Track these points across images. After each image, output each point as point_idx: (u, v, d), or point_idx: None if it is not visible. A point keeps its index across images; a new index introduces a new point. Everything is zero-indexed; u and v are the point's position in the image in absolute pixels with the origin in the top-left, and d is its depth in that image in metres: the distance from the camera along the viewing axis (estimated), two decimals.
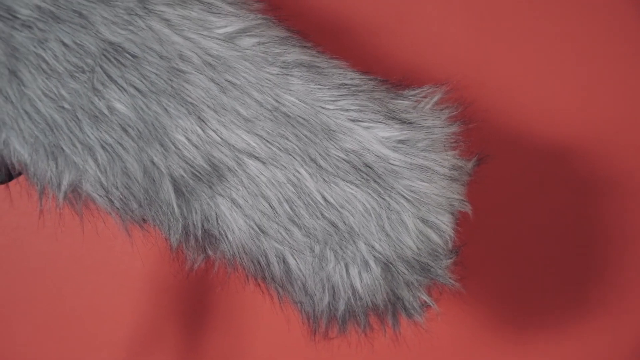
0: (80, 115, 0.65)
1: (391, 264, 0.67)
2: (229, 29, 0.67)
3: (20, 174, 0.68)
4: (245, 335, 1.04)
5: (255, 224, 0.66)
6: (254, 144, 0.66)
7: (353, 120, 0.67)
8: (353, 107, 0.67)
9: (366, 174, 0.66)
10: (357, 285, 0.67)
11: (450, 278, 0.68)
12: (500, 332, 1.07)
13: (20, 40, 0.64)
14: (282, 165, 0.66)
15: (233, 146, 0.66)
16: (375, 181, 0.66)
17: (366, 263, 0.67)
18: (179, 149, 0.65)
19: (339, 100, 0.67)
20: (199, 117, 0.65)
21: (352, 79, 0.69)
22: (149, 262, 1.03)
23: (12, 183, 0.71)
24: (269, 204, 0.66)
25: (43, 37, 0.65)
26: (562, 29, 1.04)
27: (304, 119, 0.66)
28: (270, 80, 0.66)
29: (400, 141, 0.67)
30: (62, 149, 0.65)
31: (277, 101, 0.66)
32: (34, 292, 1.04)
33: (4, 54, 0.64)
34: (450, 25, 1.02)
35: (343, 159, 0.66)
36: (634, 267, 1.07)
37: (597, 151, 1.05)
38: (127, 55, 0.65)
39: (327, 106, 0.67)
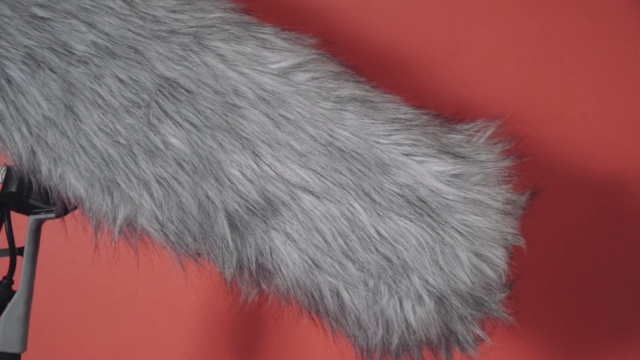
0: (136, 150, 0.65)
1: (445, 298, 0.66)
2: (283, 64, 0.67)
3: (75, 208, 0.68)
4: None
5: (310, 257, 0.66)
6: (308, 179, 0.66)
7: (407, 155, 0.67)
8: (407, 142, 0.67)
9: (420, 208, 0.66)
10: (411, 319, 0.67)
11: (503, 312, 0.68)
12: None
13: (76, 76, 0.65)
14: (336, 199, 0.66)
15: (287, 180, 0.66)
16: (429, 215, 0.66)
17: (420, 297, 0.66)
18: (234, 184, 0.65)
19: (393, 135, 0.67)
20: (253, 152, 0.65)
21: (405, 113, 0.69)
22: (203, 296, 1.03)
23: (67, 217, 0.72)
24: (323, 238, 0.66)
25: (99, 73, 0.65)
26: (616, 64, 1.03)
27: (358, 153, 0.66)
28: (324, 115, 0.66)
29: (454, 175, 0.67)
30: (117, 183, 0.65)
31: (331, 136, 0.66)
32: (89, 325, 1.05)
33: (61, 89, 0.65)
34: (503, 58, 1.02)
35: (397, 193, 0.66)
36: None
37: None
38: (183, 90, 0.65)
39: (380, 140, 0.67)
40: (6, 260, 0.73)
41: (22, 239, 0.73)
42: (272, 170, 0.65)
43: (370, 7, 1.01)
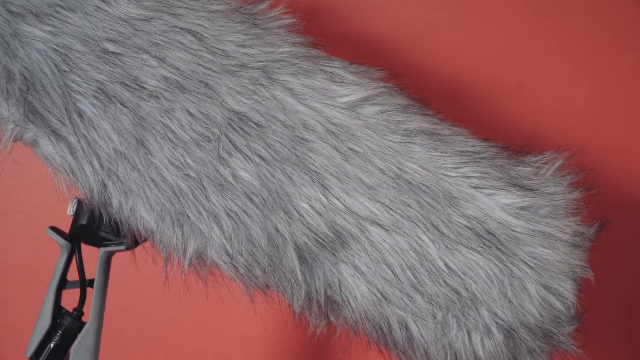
0: (206, 183, 0.65)
1: (514, 330, 0.66)
2: (352, 98, 0.68)
3: (146, 240, 0.68)
4: None
5: (378, 290, 0.67)
6: (376, 212, 0.66)
7: (475, 187, 0.67)
8: (475, 174, 0.67)
9: (488, 241, 0.66)
10: (480, 351, 0.67)
11: (572, 344, 0.68)
12: None
13: (147, 110, 0.65)
14: (405, 232, 0.66)
15: (356, 213, 0.66)
16: (497, 248, 0.66)
17: (488, 330, 0.67)
18: (303, 217, 0.66)
19: (461, 168, 0.67)
20: (322, 185, 0.66)
21: (473, 146, 0.69)
22: (271, 328, 1.03)
23: (137, 249, 0.72)
24: (392, 271, 0.66)
25: (170, 107, 0.66)
26: None
27: (426, 186, 0.66)
28: (392, 148, 0.67)
29: (522, 208, 0.67)
30: (188, 216, 0.66)
31: (399, 169, 0.66)
32: (158, 356, 1.06)
33: (132, 123, 0.65)
34: (569, 89, 1.02)
35: (465, 226, 0.66)
36: None
37: None
38: (252, 124, 0.66)
39: (449, 173, 0.67)
40: (77, 292, 0.74)
41: (92, 270, 0.73)
42: (341, 203, 0.66)
43: (437, 40, 1.01)
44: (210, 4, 0.69)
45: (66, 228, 0.73)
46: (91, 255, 0.73)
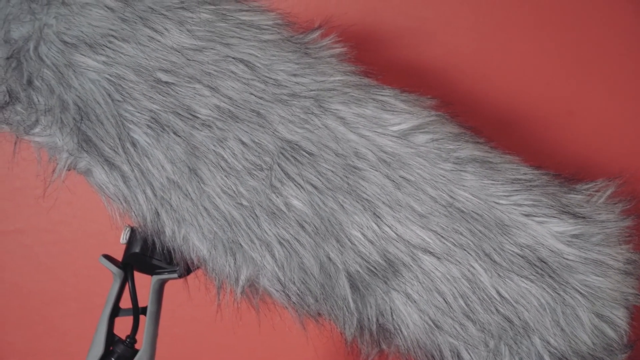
0: (259, 211, 0.66)
1: (566, 358, 0.66)
2: (403, 126, 0.68)
3: (198, 268, 0.69)
4: None
5: (430, 318, 0.67)
6: (429, 240, 0.66)
7: (527, 215, 0.67)
8: (527, 202, 0.67)
9: (541, 269, 0.66)
10: None
11: None
12: None
13: (200, 139, 0.66)
14: (457, 260, 0.66)
15: (408, 242, 0.66)
16: (550, 276, 0.66)
17: (541, 358, 0.67)
18: (355, 245, 0.66)
19: (513, 195, 0.67)
20: (374, 214, 0.66)
21: (525, 173, 0.69)
22: (323, 355, 1.04)
23: (190, 277, 0.73)
24: (444, 299, 0.66)
25: (222, 136, 0.66)
26: None
27: (478, 214, 0.67)
28: (444, 177, 0.67)
29: (574, 236, 0.67)
30: (240, 244, 0.66)
31: (451, 197, 0.67)
32: None
33: (185, 152, 0.66)
34: (620, 115, 1.02)
35: (517, 254, 0.66)
36: None
37: None
38: (304, 153, 0.66)
39: (500, 201, 0.67)
40: (129, 319, 0.74)
41: (145, 298, 0.74)
42: (393, 231, 0.66)
43: (487, 67, 1.01)
44: (262, 34, 0.69)
45: (119, 256, 0.74)
46: (144, 282, 0.74)
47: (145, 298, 0.74)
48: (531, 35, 1.01)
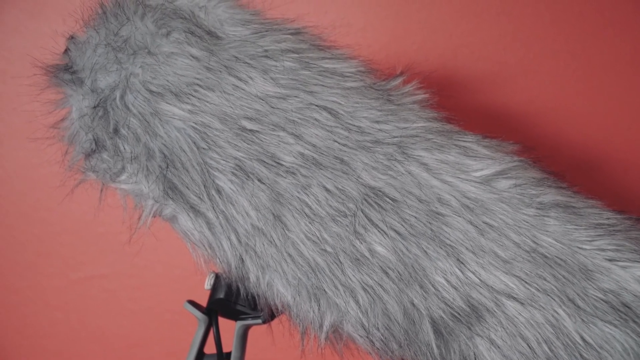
0: (342, 258, 0.66)
1: None
2: (486, 172, 0.68)
3: (282, 313, 0.69)
4: None
5: None
6: (512, 285, 0.66)
7: (610, 260, 0.67)
8: (610, 247, 0.67)
9: (624, 314, 0.66)
10: None
11: None
12: None
13: (284, 186, 0.66)
14: (541, 305, 0.66)
15: (492, 287, 0.66)
16: (634, 321, 0.66)
17: None
18: (438, 291, 0.66)
19: (596, 240, 0.67)
20: (457, 259, 0.66)
21: (607, 218, 0.69)
22: None
23: (274, 322, 0.73)
24: (528, 345, 0.66)
25: (306, 183, 0.66)
26: None
27: (562, 259, 0.67)
28: (527, 222, 0.67)
29: None
30: (324, 290, 0.66)
31: (534, 242, 0.67)
32: None
33: (269, 199, 0.66)
34: None
35: (601, 299, 0.66)
36: None
37: None
38: (388, 199, 0.67)
39: (583, 246, 0.67)
40: None
41: (229, 343, 0.74)
42: (476, 277, 0.66)
43: (568, 112, 1.01)
44: (345, 81, 0.70)
45: (203, 301, 0.74)
46: (228, 327, 0.74)
47: (230, 343, 0.74)
48: (612, 79, 1.01)
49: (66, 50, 0.73)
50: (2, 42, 1.07)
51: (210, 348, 0.75)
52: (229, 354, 0.75)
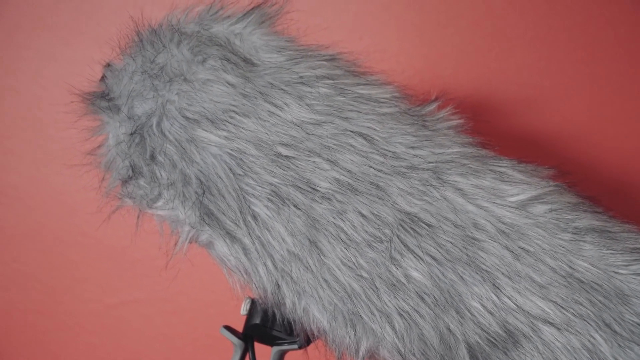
0: (378, 283, 0.66)
1: None
2: (521, 197, 0.68)
3: (318, 338, 0.69)
4: None
5: None
6: (548, 310, 0.66)
7: None
8: None
9: None
10: None
11: None
12: None
13: (320, 212, 0.67)
14: (577, 330, 0.66)
15: (528, 312, 0.66)
16: None
17: None
18: (475, 316, 0.66)
19: (632, 265, 0.67)
20: (493, 284, 0.66)
21: None
22: None
23: (310, 347, 0.73)
24: None
25: (342, 209, 0.67)
26: None
27: (598, 284, 0.66)
28: (563, 247, 0.67)
29: None
30: (360, 316, 0.67)
31: (570, 267, 0.67)
32: None
33: (305, 225, 0.67)
34: None
35: (637, 324, 0.66)
36: None
37: None
38: (423, 224, 0.67)
39: (619, 271, 0.67)
40: None
41: None
42: (512, 302, 0.66)
43: (604, 135, 1.01)
44: (380, 107, 0.70)
45: (239, 327, 0.75)
46: (264, 352, 0.75)
47: None
48: None
49: (103, 78, 0.74)
50: (39, 69, 1.09)
51: None
52: None
